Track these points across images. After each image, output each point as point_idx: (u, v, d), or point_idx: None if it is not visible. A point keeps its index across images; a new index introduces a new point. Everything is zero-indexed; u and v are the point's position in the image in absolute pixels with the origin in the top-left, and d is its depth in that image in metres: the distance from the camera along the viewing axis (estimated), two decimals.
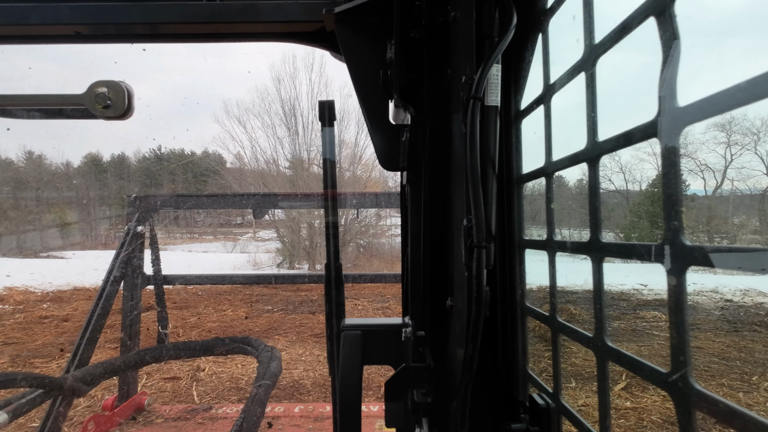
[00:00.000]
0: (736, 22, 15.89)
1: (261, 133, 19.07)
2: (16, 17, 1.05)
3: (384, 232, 19.58)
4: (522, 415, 0.85)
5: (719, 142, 16.68)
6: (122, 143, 34.39)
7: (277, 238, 18.81)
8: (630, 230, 16.20)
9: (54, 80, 25.81)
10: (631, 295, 9.29)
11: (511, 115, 0.89)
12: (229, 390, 5.05)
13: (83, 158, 32.05)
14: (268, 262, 17.82)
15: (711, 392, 0.44)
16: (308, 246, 17.29)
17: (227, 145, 21.68)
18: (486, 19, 0.75)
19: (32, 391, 2.25)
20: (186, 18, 1.06)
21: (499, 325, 0.90)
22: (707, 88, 0.42)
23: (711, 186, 17.50)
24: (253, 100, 26.22)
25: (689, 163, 17.16)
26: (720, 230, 15.26)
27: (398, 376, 0.91)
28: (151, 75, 38.61)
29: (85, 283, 11.33)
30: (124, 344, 3.51)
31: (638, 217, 16.28)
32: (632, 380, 4.94)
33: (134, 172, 31.93)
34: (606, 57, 0.61)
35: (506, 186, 0.91)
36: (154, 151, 32.40)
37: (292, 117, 17.70)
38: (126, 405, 3.47)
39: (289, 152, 18.13)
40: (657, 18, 0.49)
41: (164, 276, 3.66)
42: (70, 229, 25.10)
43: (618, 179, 18.55)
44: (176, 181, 30.03)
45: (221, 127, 22.96)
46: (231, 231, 30.35)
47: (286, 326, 7.72)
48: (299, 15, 1.05)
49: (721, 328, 7.07)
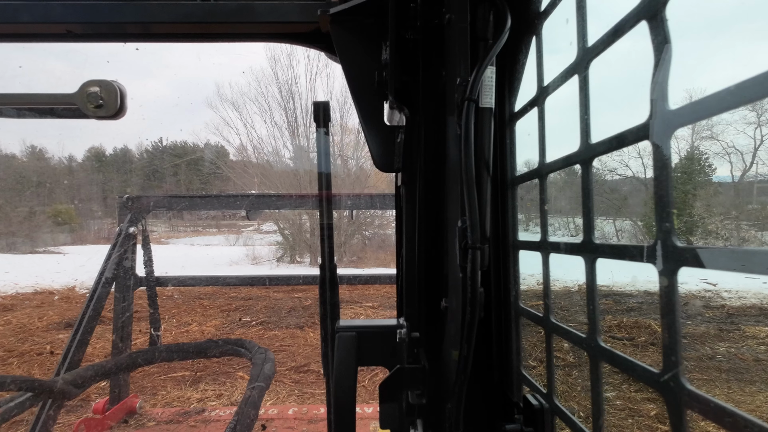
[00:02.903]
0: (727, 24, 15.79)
1: (258, 118, 18.34)
2: (7, 15, 1.04)
3: (390, 223, 19.33)
4: (516, 416, 0.85)
5: (749, 122, 15.18)
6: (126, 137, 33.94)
7: (277, 231, 18.41)
8: (648, 218, 15.60)
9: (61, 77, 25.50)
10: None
11: (506, 117, 0.90)
12: None
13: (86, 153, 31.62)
14: (268, 256, 17.34)
15: (702, 392, 0.45)
16: (309, 238, 16.81)
17: (221, 131, 20.85)
18: (480, 21, 0.76)
19: (21, 394, 2.21)
20: (180, 18, 1.05)
21: (494, 326, 0.91)
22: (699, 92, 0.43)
23: (739, 170, 16.16)
24: (249, 82, 25.38)
25: (714, 146, 15.70)
26: (750, 217, 14.34)
27: (393, 378, 0.91)
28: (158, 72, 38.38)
29: (55, 285, 10.41)
30: (116, 346, 3.47)
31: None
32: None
33: (135, 169, 31.70)
34: (599, 60, 0.61)
35: (500, 187, 0.91)
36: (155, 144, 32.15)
37: (290, 100, 17.08)
38: (117, 408, 3.43)
39: (288, 140, 17.67)
40: (649, 22, 0.49)
41: (157, 277, 3.63)
42: (65, 226, 24.73)
43: (636, 164, 17.57)
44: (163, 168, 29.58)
45: (215, 113, 21.95)
46: (235, 224, 30.10)
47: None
48: (294, 16, 1.05)
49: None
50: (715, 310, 7.46)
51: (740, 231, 13.54)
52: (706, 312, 7.33)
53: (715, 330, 6.42)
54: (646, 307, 7.71)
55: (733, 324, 6.67)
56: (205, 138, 34.09)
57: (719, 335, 6.21)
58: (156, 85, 41.68)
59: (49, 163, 29.10)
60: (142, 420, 3.48)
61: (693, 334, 6.25)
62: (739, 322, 6.75)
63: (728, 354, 5.52)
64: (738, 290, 8.73)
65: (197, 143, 25.51)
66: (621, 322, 6.61)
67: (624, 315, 7.16)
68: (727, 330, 6.39)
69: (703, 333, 6.29)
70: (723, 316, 7.10)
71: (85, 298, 3.16)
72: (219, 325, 7.47)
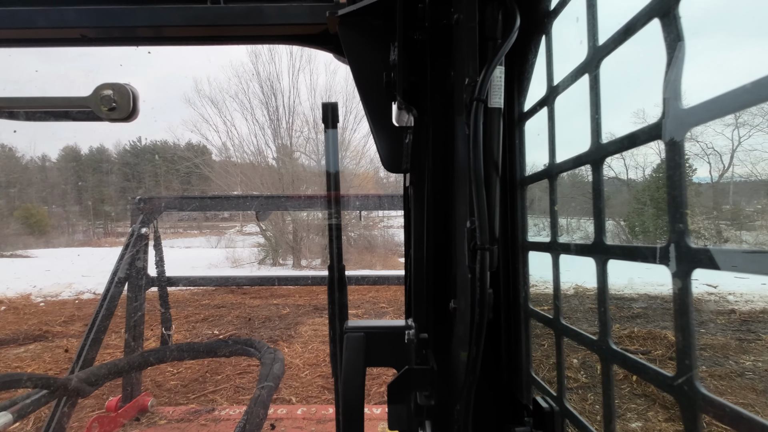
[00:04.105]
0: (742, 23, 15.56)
1: (238, 115, 17.69)
2: (23, 21, 1.06)
3: (376, 224, 19.01)
4: (526, 419, 0.84)
5: (727, 123, 15.47)
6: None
7: (259, 232, 18.03)
8: (630, 218, 15.57)
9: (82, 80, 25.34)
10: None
11: (515, 117, 0.89)
12: None
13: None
14: (249, 258, 17.02)
15: (717, 396, 0.44)
16: (292, 240, 16.51)
17: (199, 128, 19.56)
18: (489, 21, 0.75)
19: (37, 391, 2.26)
20: (190, 21, 1.07)
21: (503, 327, 0.90)
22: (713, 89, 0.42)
23: (717, 171, 16.49)
24: (229, 78, 24.34)
25: (694, 147, 16.03)
26: (727, 218, 14.54)
27: (401, 379, 0.91)
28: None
29: (9, 293, 9.27)
30: (128, 345, 3.52)
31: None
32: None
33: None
34: (610, 58, 0.60)
35: (510, 188, 0.91)
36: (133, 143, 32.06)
37: (272, 97, 16.73)
38: (130, 406, 3.48)
39: (271, 138, 17.38)
40: (661, 19, 0.48)
41: (168, 278, 3.68)
42: (36, 228, 24.04)
43: (618, 165, 17.72)
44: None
45: (193, 109, 20.33)
46: (217, 225, 29.78)
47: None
48: (303, 18, 1.05)
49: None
50: (726, 316, 6.84)
51: (721, 231, 13.52)
52: (717, 318, 6.80)
53: (735, 340, 5.81)
54: (651, 312, 7.27)
55: (751, 332, 6.09)
56: (182, 135, 33.40)
57: (741, 346, 5.61)
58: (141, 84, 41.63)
59: (20, 162, 28.65)
60: (153, 418, 3.53)
61: (713, 345, 5.65)
62: (756, 330, 6.28)
63: (756, 369, 4.94)
64: (742, 293, 8.18)
65: (177, 142, 24.84)
66: (632, 332, 6.08)
67: (631, 322, 6.71)
68: (747, 340, 5.81)
69: (724, 344, 5.66)
70: (737, 323, 6.51)
71: (38, 308, 3.02)
72: (178, 340, 6.24)
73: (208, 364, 5.49)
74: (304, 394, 4.83)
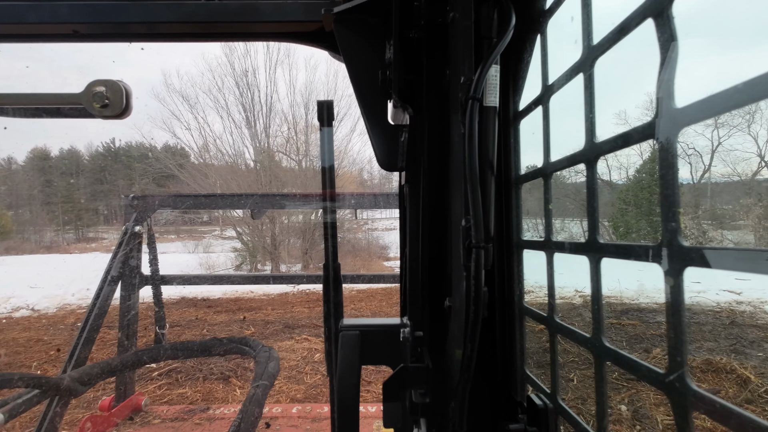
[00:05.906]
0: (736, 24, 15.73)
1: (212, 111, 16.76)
2: (14, 16, 1.05)
3: (361, 226, 18.66)
4: (520, 416, 0.85)
5: (707, 124, 15.80)
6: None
7: (236, 237, 17.38)
8: (615, 218, 15.69)
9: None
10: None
11: (510, 116, 0.89)
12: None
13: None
14: (225, 265, 16.30)
15: (708, 393, 0.44)
16: (270, 245, 15.85)
17: (170, 124, 17.97)
18: (485, 19, 0.75)
19: (29, 391, 2.24)
20: (184, 17, 1.06)
21: (498, 325, 0.90)
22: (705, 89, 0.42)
23: (699, 171, 16.82)
24: (202, 73, 21.94)
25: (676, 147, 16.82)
26: (707, 217, 14.76)
27: (396, 377, 0.91)
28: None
29: None
30: (122, 344, 3.50)
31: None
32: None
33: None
34: (604, 58, 0.61)
35: (505, 186, 0.91)
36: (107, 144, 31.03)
37: (247, 91, 16.02)
38: (123, 405, 3.46)
39: (247, 138, 16.67)
40: (655, 19, 0.49)
41: (162, 276, 3.66)
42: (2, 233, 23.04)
43: (600, 165, 18.04)
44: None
45: (162, 105, 17.78)
46: (196, 229, 28.76)
47: None
48: (298, 15, 1.05)
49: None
50: (765, 330, 5.46)
51: (705, 229, 13.66)
52: (753, 333, 5.25)
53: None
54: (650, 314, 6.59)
55: None
56: (149, 132, 31.76)
57: None
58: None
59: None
60: (147, 417, 3.51)
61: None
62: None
63: None
64: (761, 299, 7.00)
65: (154, 144, 23.70)
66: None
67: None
68: None
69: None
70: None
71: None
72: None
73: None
74: None
